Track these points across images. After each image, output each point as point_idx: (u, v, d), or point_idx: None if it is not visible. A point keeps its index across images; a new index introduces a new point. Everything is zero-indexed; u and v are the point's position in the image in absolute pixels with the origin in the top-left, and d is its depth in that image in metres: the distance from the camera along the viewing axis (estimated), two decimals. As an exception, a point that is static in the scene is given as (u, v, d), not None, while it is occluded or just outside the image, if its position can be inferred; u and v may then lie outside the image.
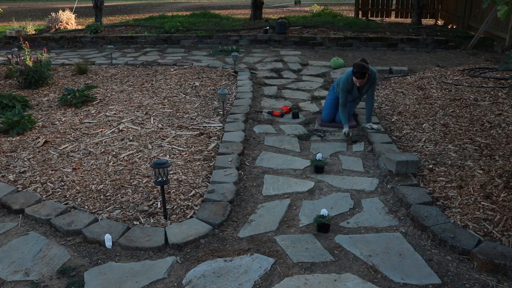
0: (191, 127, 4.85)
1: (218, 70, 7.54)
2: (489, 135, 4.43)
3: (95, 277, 2.57)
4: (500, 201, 3.19)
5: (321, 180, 3.72)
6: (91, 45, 10.42)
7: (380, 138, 4.38)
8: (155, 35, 10.31)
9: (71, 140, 4.56)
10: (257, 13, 12.82)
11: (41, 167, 3.94)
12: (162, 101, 5.79)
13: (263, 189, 3.59)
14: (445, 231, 2.84)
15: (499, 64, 6.89)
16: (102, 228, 2.97)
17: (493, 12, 8.54)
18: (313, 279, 2.53)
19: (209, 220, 3.04)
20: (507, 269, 2.51)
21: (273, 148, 4.39)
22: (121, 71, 7.61)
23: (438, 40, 9.38)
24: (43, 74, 6.66)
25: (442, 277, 2.52)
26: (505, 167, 3.67)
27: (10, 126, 4.74)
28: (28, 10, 19.82)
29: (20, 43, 7.17)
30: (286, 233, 2.99)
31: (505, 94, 5.74)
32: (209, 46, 9.90)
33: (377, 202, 3.37)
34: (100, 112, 5.42)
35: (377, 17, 13.79)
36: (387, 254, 2.73)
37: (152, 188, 3.51)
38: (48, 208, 3.22)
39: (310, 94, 6.22)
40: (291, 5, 18.86)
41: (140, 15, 16.26)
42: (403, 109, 5.36)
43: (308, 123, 5.06)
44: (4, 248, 2.86)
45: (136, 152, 4.21)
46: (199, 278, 2.55)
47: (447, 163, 3.85)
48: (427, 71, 7.13)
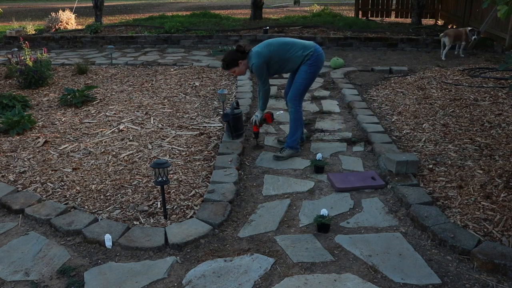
0: (191, 127, 4.85)
1: (218, 70, 7.54)
2: (489, 135, 4.43)
3: (95, 277, 2.57)
4: (500, 201, 3.19)
5: (321, 180, 3.72)
6: (91, 45, 10.42)
7: (380, 138, 4.38)
8: (155, 35, 10.32)
9: (71, 140, 4.56)
10: (257, 13, 12.82)
11: (41, 167, 3.94)
12: (162, 101, 5.79)
13: (263, 189, 3.59)
14: (445, 231, 2.84)
15: (499, 64, 6.89)
16: (102, 228, 2.97)
17: (493, 12, 8.53)
18: (313, 279, 2.53)
19: (209, 220, 3.04)
20: (507, 269, 2.51)
21: (273, 148, 4.39)
22: (121, 71, 7.61)
23: (438, 40, 9.36)
24: (43, 74, 6.66)
25: (442, 277, 2.52)
26: (505, 167, 3.67)
27: (10, 126, 4.74)
28: (28, 10, 19.82)
29: (20, 43, 7.17)
30: (286, 233, 2.99)
31: (505, 94, 5.74)
32: (209, 46, 9.91)
33: (377, 202, 3.37)
34: (100, 112, 5.42)
35: (377, 17, 13.79)
36: (387, 254, 2.73)
37: (152, 188, 3.51)
38: (48, 208, 3.22)
39: (310, 94, 6.21)
40: (291, 5, 18.85)
41: (140, 15, 16.26)
42: (403, 109, 5.36)
43: (308, 123, 5.06)
44: (4, 248, 2.86)
45: (136, 152, 4.21)
46: (199, 278, 2.55)
47: (447, 163, 3.85)
48: (427, 71, 7.13)
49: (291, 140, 4.16)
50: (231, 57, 4.05)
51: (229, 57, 4.06)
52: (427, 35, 9.86)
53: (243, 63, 4.03)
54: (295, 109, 4.13)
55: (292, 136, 4.16)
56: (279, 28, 10.89)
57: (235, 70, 4.08)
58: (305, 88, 4.12)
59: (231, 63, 4.05)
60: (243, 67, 4.07)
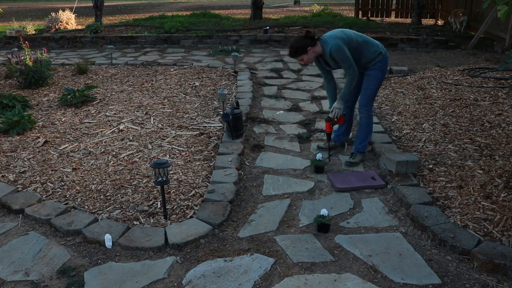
0: (191, 127, 4.85)
1: (218, 70, 7.54)
2: (489, 135, 4.43)
3: (95, 277, 2.57)
4: (500, 201, 3.19)
5: (321, 180, 3.72)
6: (91, 45, 10.42)
7: (380, 138, 4.38)
8: (155, 35, 10.32)
9: (71, 140, 4.56)
10: (257, 13, 12.82)
11: (41, 167, 3.94)
12: (162, 101, 5.79)
13: (263, 189, 3.59)
14: (445, 231, 2.84)
15: (499, 64, 6.89)
16: (102, 228, 2.97)
17: (493, 12, 8.54)
18: (313, 279, 2.53)
19: (209, 220, 3.04)
20: (507, 269, 2.51)
21: (273, 148, 4.39)
22: (121, 71, 7.61)
23: (438, 40, 9.38)
24: (43, 74, 6.66)
25: (442, 277, 2.52)
26: (505, 167, 3.67)
27: (10, 126, 4.74)
28: (28, 10, 19.82)
29: (20, 43, 7.17)
30: (286, 233, 2.99)
31: (505, 94, 5.74)
32: (209, 46, 9.90)
33: (377, 202, 3.37)
34: (100, 112, 5.42)
35: (377, 17, 13.79)
36: (387, 254, 2.73)
37: (152, 188, 3.51)
38: (48, 208, 3.22)
39: (310, 94, 6.21)
40: (291, 5, 18.85)
41: (140, 15, 16.26)
42: (403, 109, 5.36)
43: (308, 123, 5.06)
44: (4, 248, 2.86)
45: (136, 152, 4.21)
46: (199, 278, 2.55)
47: (447, 163, 3.85)
48: (427, 71, 7.13)
49: (361, 145, 4.01)
50: (300, 43, 3.73)
51: (298, 44, 3.74)
52: (427, 35, 9.86)
53: (312, 50, 3.72)
54: (368, 114, 3.96)
55: (363, 141, 4.00)
56: (279, 28, 10.89)
57: (303, 57, 3.76)
58: (375, 93, 3.97)
59: (299, 49, 3.73)
60: (312, 54, 3.75)
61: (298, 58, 3.82)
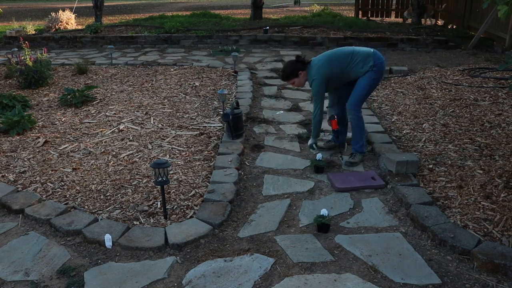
0: (191, 127, 4.85)
1: (218, 70, 7.54)
2: (489, 135, 4.43)
3: (95, 277, 2.57)
4: (500, 201, 3.19)
5: (321, 180, 3.72)
6: (91, 45, 10.42)
7: (380, 138, 4.38)
8: (155, 35, 10.32)
9: (71, 140, 4.56)
10: (257, 13, 12.82)
11: (41, 167, 3.94)
12: (162, 101, 5.79)
13: (263, 189, 3.59)
14: (445, 231, 2.84)
15: (499, 64, 6.89)
16: (102, 228, 2.97)
17: (493, 12, 8.53)
18: (313, 279, 2.53)
19: (209, 220, 3.04)
20: (507, 269, 2.51)
21: (273, 148, 4.39)
22: (121, 71, 7.61)
23: (438, 40, 9.38)
24: (43, 74, 6.66)
25: (442, 277, 2.52)
26: (505, 167, 3.67)
27: (10, 126, 4.74)
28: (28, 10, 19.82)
29: (20, 43, 7.17)
30: (286, 233, 2.99)
31: (505, 94, 5.74)
32: (209, 46, 9.91)
33: (377, 202, 3.37)
34: (100, 112, 5.42)
35: (377, 17, 13.80)
36: (387, 254, 2.73)
37: (152, 188, 3.51)
38: (48, 208, 3.22)
39: (310, 94, 6.21)
40: (291, 5, 18.86)
41: (140, 15, 16.27)
42: (403, 109, 5.36)
43: (308, 123, 5.06)
44: (4, 248, 2.86)
45: (136, 152, 4.21)
46: (199, 278, 2.55)
47: (447, 163, 3.85)
48: (427, 71, 7.13)
49: (358, 145, 3.99)
50: (291, 68, 3.94)
51: (289, 68, 3.95)
52: (427, 35, 9.86)
53: (303, 74, 3.91)
54: (357, 116, 3.93)
55: (359, 141, 3.98)
56: (279, 28, 10.89)
57: (294, 81, 3.96)
58: (366, 95, 3.95)
59: (291, 74, 3.93)
60: (303, 78, 3.94)
61: (289, 82, 4.02)
